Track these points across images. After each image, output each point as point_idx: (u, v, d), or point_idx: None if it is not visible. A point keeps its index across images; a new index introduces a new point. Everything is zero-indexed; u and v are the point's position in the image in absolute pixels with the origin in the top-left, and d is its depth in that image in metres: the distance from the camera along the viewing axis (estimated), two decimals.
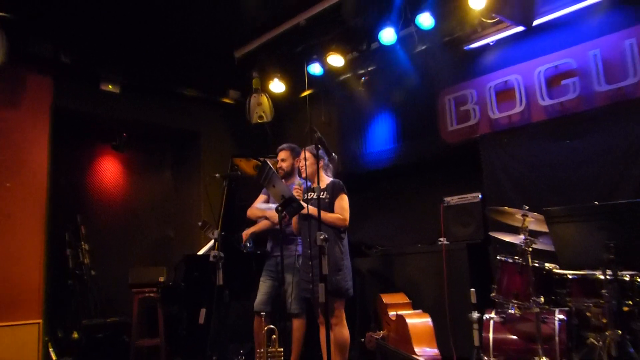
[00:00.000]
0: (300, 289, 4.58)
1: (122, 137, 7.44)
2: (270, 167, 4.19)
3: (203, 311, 4.41)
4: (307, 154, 4.47)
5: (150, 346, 6.43)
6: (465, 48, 5.98)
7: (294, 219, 4.59)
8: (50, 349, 6.16)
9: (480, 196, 5.78)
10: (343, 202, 4.47)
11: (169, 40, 6.52)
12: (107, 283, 7.01)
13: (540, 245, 4.30)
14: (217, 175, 4.88)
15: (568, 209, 3.84)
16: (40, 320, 6.06)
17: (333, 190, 4.48)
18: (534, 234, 4.30)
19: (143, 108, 7.31)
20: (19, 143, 6.23)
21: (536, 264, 4.23)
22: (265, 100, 7.11)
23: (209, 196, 5.01)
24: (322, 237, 3.60)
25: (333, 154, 4.32)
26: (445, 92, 6.23)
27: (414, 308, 5.51)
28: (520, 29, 5.51)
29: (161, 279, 6.54)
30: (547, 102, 5.37)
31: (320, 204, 4.06)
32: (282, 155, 5.20)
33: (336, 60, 6.46)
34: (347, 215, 4.43)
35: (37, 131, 6.38)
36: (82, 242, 6.92)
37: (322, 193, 4.44)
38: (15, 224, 6.07)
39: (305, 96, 7.45)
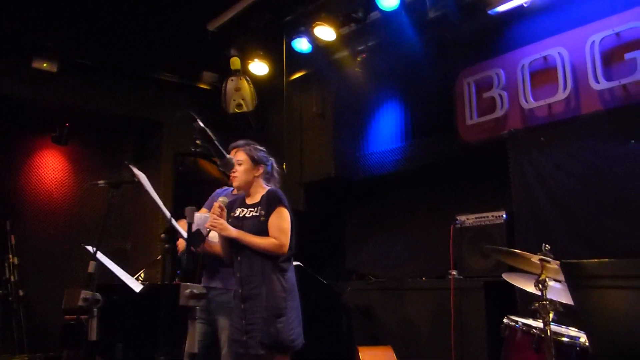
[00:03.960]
0: (231, 341, 3.53)
1: (63, 127, 6.50)
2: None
3: None
4: (242, 155, 3.48)
5: None
6: (489, 12, 4.96)
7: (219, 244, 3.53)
8: None
9: (504, 215, 4.72)
10: (281, 220, 3.39)
11: (123, 5, 5.60)
12: (39, 306, 6.21)
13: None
14: (100, 182, 3.52)
15: (620, 265, 2.15)
16: None
17: (268, 204, 3.43)
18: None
19: (88, 92, 6.33)
20: None
21: (565, 338, 2.92)
22: (245, 84, 6.27)
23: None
24: (187, 291, 2.54)
25: (271, 160, 3.30)
26: (465, 74, 5.28)
27: None
28: None
29: None
30: (604, 85, 4.37)
31: (250, 225, 3.32)
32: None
33: (325, 32, 5.60)
34: (284, 238, 3.36)
35: None
36: (10, 255, 6.13)
37: (254, 209, 3.45)
38: None
39: (294, 80, 6.44)
